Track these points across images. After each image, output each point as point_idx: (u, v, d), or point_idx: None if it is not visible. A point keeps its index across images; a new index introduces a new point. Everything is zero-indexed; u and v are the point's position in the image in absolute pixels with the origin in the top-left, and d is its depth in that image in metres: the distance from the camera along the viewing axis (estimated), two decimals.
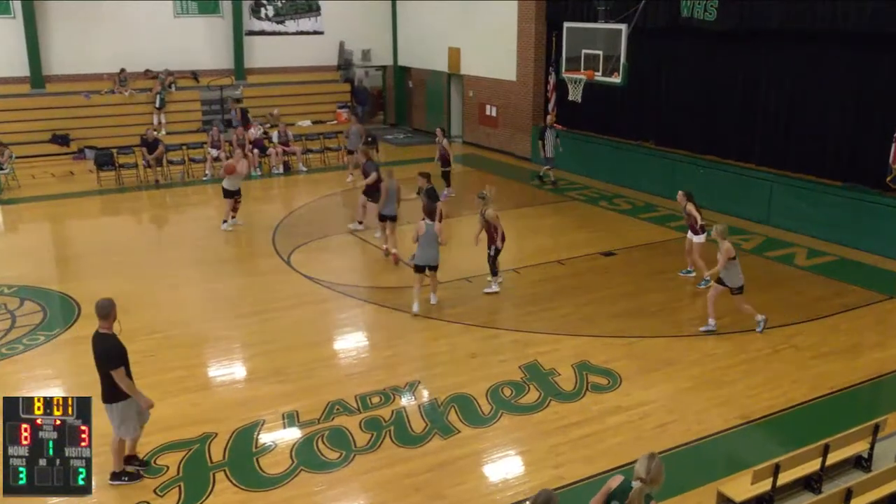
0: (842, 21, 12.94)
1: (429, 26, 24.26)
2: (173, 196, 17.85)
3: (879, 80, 13.17)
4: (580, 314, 10.65)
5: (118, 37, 21.86)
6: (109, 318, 6.49)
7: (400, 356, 9.43)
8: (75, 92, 21.39)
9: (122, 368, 6.47)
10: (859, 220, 13.36)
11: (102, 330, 6.51)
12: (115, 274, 12.17)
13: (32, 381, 8.74)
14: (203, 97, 22.78)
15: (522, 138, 21.20)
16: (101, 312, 6.47)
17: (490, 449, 7.43)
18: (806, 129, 14.51)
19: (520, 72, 20.77)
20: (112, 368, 6.41)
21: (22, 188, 17.90)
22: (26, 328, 10.12)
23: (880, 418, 6.58)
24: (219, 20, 23.37)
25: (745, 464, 6.65)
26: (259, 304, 11.06)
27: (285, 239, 14.09)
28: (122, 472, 6.82)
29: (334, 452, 7.29)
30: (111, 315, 6.50)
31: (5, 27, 20.61)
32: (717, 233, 9.85)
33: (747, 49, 15.24)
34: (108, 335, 6.50)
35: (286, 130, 20.43)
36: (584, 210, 16.29)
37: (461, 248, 13.53)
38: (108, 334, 6.51)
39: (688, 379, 8.77)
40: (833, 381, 8.69)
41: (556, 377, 8.78)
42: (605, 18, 14.80)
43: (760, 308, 10.05)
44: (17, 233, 15.42)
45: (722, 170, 15.84)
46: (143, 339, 9.76)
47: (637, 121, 18.16)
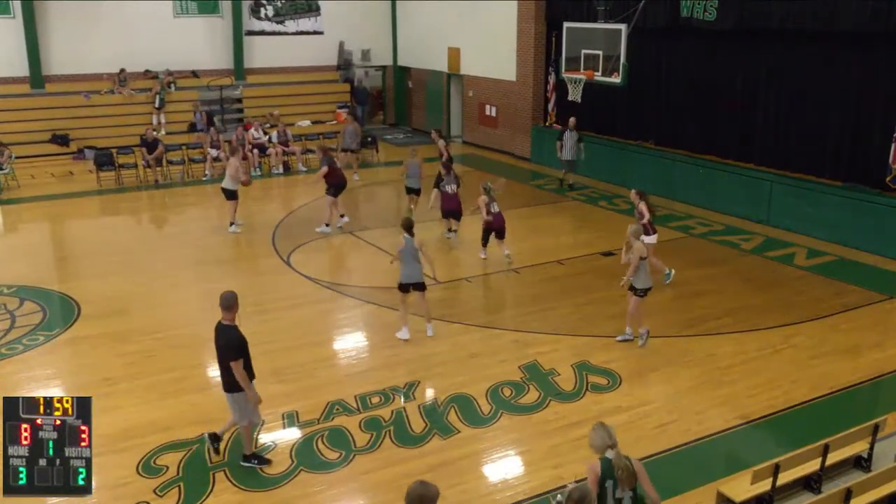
0: (842, 21, 12.94)
1: (429, 26, 24.26)
2: (173, 196, 17.85)
3: (879, 80, 13.16)
4: (580, 314, 10.65)
5: (118, 37, 21.87)
6: (233, 310, 6.62)
7: (400, 356, 9.43)
8: (75, 92, 21.39)
9: (242, 360, 6.60)
10: (859, 220, 13.36)
11: (225, 322, 6.66)
12: (114, 274, 12.18)
13: (32, 381, 8.74)
14: (203, 97, 22.78)
15: (522, 138, 21.20)
16: (225, 304, 6.60)
17: (490, 449, 7.43)
18: (806, 129, 14.51)
19: (519, 72, 20.77)
20: (232, 359, 6.56)
21: (22, 188, 17.90)
22: (26, 328, 10.11)
23: (880, 418, 6.57)
24: (218, 20, 23.38)
25: (744, 464, 6.65)
26: (259, 304, 11.06)
27: (285, 239, 14.09)
28: (253, 455, 7.05)
29: (334, 452, 7.29)
30: (234, 307, 6.64)
31: (5, 27, 20.62)
32: (631, 233, 9.37)
33: (747, 49, 15.24)
34: (230, 327, 6.66)
35: (286, 130, 20.43)
36: (584, 210, 16.29)
37: (461, 248, 13.55)
38: (231, 326, 6.67)
39: (688, 379, 8.77)
40: (833, 381, 8.69)
41: (556, 377, 8.78)
42: (605, 18, 14.80)
43: (761, 308, 10.05)
44: (17, 233, 15.42)
45: (722, 170, 15.84)
46: (142, 340, 9.78)
47: (637, 121, 18.15)
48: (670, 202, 16.51)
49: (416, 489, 4.40)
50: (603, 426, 5.19)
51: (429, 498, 4.38)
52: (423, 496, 4.37)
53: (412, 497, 4.37)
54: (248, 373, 6.73)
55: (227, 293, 6.68)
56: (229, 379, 6.70)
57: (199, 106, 21.56)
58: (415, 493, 4.38)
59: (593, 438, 5.19)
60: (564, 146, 17.27)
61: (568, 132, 17.21)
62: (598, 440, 5.14)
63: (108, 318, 10.49)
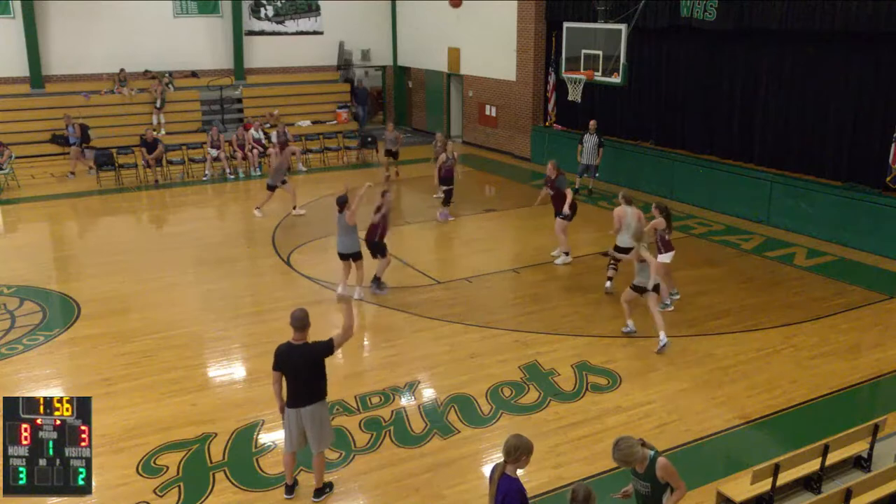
0: (842, 21, 12.94)
1: (428, 26, 24.25)
2: (173, 196, 17.84)
3: (879, 80, 13.17)
4: (580, 314, 10.65)
5: (118, 37, 21.86)
6: (306, 330, 6.41)
7: (400, 356, 9.43)
8: (75, 92, 21.39)
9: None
10: (859, 220, 13.36)
11: (299, 341, 6.42)
12: (114, 274, 12.18)
13: (32, 381, 8.74)
14: (203, 97, 22.79)
15: (522, 138, 21.21)
16: (299, 324, 6.35)
17: (490, 449, 7.42)
18: (806, 129, 14.51)
19: (519, 72, 20.77)
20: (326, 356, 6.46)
21: (22, 188, 17.91)
22: (26, 328, 10.11)
23: (880, 418, 6.58)
24: (218, 20, 23.37)
25: (744, 464, 6.66)
26: (258, 304, 11.07)
27: (285, 239, 14.09)
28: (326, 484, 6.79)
29: (334, 452, 7.29)
30: (308, 325, 6.41)
31: (5, 27, 20.61)
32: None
33: (747, 49, 15.25)
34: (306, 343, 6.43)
35: (285, 130, 20.43)
36: (584, 210, 16.21)
37: (462, 248, 13.55)
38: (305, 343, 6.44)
39: (688, 379, 8.78)
40: (833, 381, 8.69)
41: (556, 377, 8.78)
42: (605, 18, 14.82)
43: (761, 308, 10.05)
44: (17, 233, 15.41)
45: (722, 170, 15.84)
46: (142, 340, 9.78)
47: (637, 121, 18.16)
48: (670, 202, 16.50)
49: (510, 440, 4.87)
50: (625, 438, 5.14)
51: (524, 448, 4.84)
52: (517, 447, 4.83)
53: (507, 447, 4.85)
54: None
55: (298, 312, 6.38)
56: (318, 388, 6.50)
57: (70, 118, 19.62)
58: (509, 443, 4.86)
59: (623, 451, 5.06)
60: (584, 149, 16.82)
61: (588, 135, 16.73)
62: (630, 451, 5.05)
63: (107, 318, 10.49)
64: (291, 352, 6.42)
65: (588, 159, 16.84)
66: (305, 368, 6.41)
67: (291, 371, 6.44)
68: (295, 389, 6.47)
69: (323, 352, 6.43)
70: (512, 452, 4.82)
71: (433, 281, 11.97)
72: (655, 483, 5.06)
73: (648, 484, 5.08)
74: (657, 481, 5.06)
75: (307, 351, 6.40)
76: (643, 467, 5.07)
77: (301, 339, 6.40)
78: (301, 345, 6.40)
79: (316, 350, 6.42)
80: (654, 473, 5.04)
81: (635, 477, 5.17)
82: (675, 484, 5.10)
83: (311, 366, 6.42)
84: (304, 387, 6.45)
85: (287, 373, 6.46)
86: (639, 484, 5.16)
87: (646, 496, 5.14)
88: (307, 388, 6.46)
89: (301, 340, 6.40)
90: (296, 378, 6.44)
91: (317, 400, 6.50)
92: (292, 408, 6.48)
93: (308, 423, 6.48)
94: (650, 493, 5.10)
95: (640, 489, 5.16)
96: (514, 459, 4.83)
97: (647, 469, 5.06)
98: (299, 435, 6.53)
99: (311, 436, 6.52)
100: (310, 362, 6.41)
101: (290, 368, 6.43)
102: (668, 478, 5.06)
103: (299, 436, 6.53)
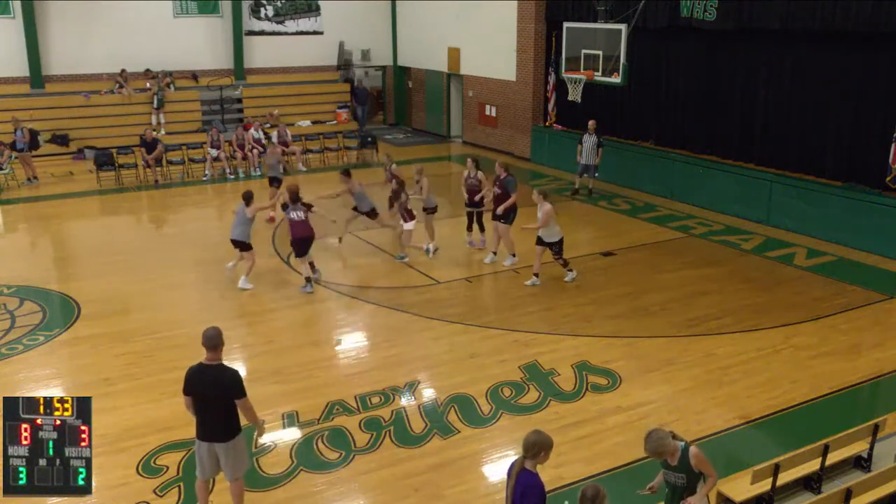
0: (841, 21, 12.94)
1: (428, 26, 24.26)
2: (173, 196, 17.84)
3: (879, 80, 13.16)
4: (580, 314, 10.65)
5: (118, 37, 21.89)
6: (219, 349, 5.92)
7: (400, 356, 9.43)
8: (75, 92, 21.39)
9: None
10: (859, 220, 13.35)
11: (211, 362, 5.92)
12: (114, 274, 12.18)
13: (32, 381, 8.74)
14: (202, 97, 22.79)
15: (522, 138, 21.21)
16: (210, 343, 5.89)
17: (490, 449, 7.42)
18: (806, 129, 14.50)
19: (519, 72, 20.77)
20: (239, 397, 5.92)
21: (22, 188, 17.90)
22: (26, 328, 10.11)
23: (880, 418, 6.58)
24: (218, 20, 23.38)
25: (744, 464, 6.65)
26: (259, 304, 11.07)
27: (285, 239, 14.06)
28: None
29: (334, 452, 7.29)
30: (221, 344, 5.94)
31: (5, 27, 20.63)
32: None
33: (747, 49, 15.24)
34: (220, 365, 5.97)
35: (285, 130, 20.44)
36: (584, 210, 16.28)
37: (462, 248, 13.55)
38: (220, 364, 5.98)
39: (687, 379, 8.77)
40: (832, 381, 8.69)
41: (556, 377, 8.78)
42: (605, 18, 14.80)
43: (761, 308, 10.05)
44: (17, 233, 15.41)
45: (722, 170, 15.84)
46: (142, 340, 9.78)
47: (637, 121, 18.16)
48: (670, 202, 16.52)
49: (530, 436, 4.87)
50: (656, 430, 5.21)
51: (543, 444, 4.83)
52: (536, 443, 4.82)
53: (527, 443, 4.85)
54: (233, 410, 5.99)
55: (211, 331, 5.92)
56: (230, 422, 5.96)
57: (18, 122, 18.57)
58: (529, 439, 4.85)
59: (654, 442, 5.12)
60: (584, 149, 16.69)
61: (587, 135, 16.60)
62: (662, 441, 5.11)
63: (107, 318, 10.49)
64: (204, 372, 5.86)
65: (587, 159, 16.76)
66: (215, 397, 5.84)
67: (200, 395, 5.85)
68: (204, 418, 5.91)
69: (232, 388, 5.84)
70: (531, 448, 4.84)
71: (433, 281, 11.97)
72: (690, 473, 5.12)
73: (683, 475, 5.14)
74: (692, 471, 5.11)
75: (219, 375, 5.85)
76: (675, 459, 5.12)
77: (214, 360, 5.87)
78: (215, 365, 5.87)
79: (228, 378, 5.86)
80: (689, 463, 5.09)
81: (668, 469, 5.21)
82: (708, 472, 5.15)
83: (221, 393, 5.84)
84: (213, 418, 5.89)
85: (196, 396, 5.88)
86: (672, 476, 5.20)
87: (681, 487, 5.18)
88: (217, 421, 5.90)
89: (214, 360, 5.87)
90: (205, 403, 5.87)
91: (230, 437, 5.96)
92: (203, 440, 5.95)
93: (223, 456, 6.00)
94: (685, 483, 5.15)
95: (675, 481, 5.20)
96: (534, 455, 4.84)
97: (681, 460, 5.11)
98: (212, 465, 6.06)
99: (225, 466, 6.05)
100: (220, 390, 5.83)
101: (199, 392, 5.85)
102: (701, 466, 5.11)
103: (212, 465, 6.06)
